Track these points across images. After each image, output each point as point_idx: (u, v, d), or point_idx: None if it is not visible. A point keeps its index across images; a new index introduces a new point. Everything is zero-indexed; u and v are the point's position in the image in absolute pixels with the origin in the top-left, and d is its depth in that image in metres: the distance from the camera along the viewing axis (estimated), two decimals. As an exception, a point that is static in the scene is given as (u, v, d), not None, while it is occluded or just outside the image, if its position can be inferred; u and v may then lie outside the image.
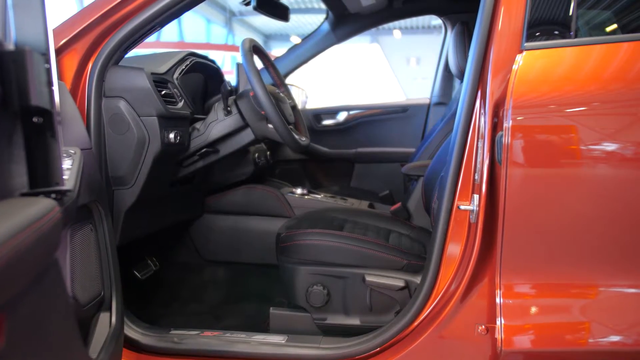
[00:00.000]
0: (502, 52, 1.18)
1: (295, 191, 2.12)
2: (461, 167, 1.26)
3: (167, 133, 1.51)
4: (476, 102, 1.24)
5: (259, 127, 1.69)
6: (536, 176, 1.13)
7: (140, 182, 1.51)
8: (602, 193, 1.10)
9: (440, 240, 1.28)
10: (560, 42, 1.16)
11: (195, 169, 1.77)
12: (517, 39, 1.18)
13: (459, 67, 2.13)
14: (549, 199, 1.12)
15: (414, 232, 1.84)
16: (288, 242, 1.56)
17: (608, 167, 1.09)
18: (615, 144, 1.10)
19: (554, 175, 1.12)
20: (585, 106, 1.10)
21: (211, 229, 2.11)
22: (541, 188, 1.12)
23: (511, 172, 1.12)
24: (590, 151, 1.09)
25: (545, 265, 1.14)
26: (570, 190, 1.10)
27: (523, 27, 1.17)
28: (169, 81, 1.57)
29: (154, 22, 1.42)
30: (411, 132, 2.88)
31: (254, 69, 1.56)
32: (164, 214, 1.84)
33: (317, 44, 2.76)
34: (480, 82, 1.23)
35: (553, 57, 1.15)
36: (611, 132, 1.10)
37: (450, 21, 2.73)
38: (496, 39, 1.19)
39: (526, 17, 1.17)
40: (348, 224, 1.75)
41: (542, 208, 1.13)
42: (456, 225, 1.27)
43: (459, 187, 1.27)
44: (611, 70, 1.14)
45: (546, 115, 1.12)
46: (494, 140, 1.18)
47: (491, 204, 1.19)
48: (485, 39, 1.22)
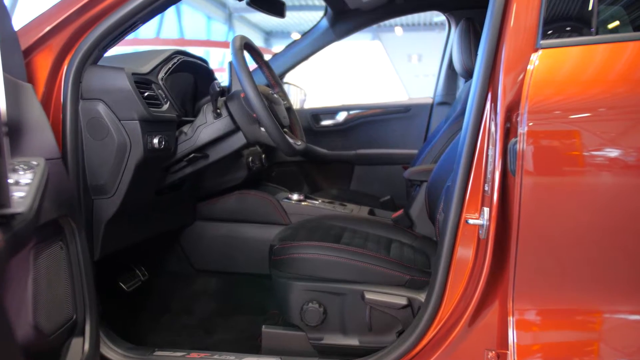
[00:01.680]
0: (515, 51, 1.07)
1: (292, 197, 2.01)
2: (469, 177, 1.15)
3: (151, 138, 1.40)
4: (486, 105, 1.13)
5: (251, 130, 1.58)
6: (555, 189, 1.01)
7: (122, 191, 1.40)
8: (631, 208, 0.98)
9: (447, 256, 1.17)
10: (580, 39, 1.05)
11: (183, 175, 1.66)
12: (532, 36, 1.06)
13: (464, 66, 2.03)
14: (570, 214, 1.00)
15: (417, 242, 1.73)
16: (281, 256, 1.45)
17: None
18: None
19: (575, 187, 1.01)
20: (610, 110, 0.99)
21: (203, 237, 2.01)
22: (561, 202, 1.01)
23: (526, 184, 1.01)
24: (616, 161, 0.98)
25: (565, 289, 1.03)
26: (595, 206, 0.99)
27: (538, 23, 1.06)
28: (152, 82, 1.46)
29: (135, 17, 1.31)
30: (413, 133, 2.77)
31: (244, 68, 1.45)
32: (151, 223, 1.73)
33: (315, 42, 2.65)
34: (490, 83, 1.12)
35: (573, 57, 1.04)
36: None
37: (454, 17, 2.61)
38: (508, 36, 1.08)
39: (541, 12, 1.06)
40: (347, 233, 1.64)
41: (562, 224, 1.01)
42: (464, 241, 1.16)
43: (467, 198, 1.15)
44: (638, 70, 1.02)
45: (566, 121, 1.00)
46: (506, 147, 1.07)
47: (503, 219, 1.08)
48: (496, 36, 1.10)
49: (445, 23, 2.73)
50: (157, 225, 1.78)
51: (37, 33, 1.26)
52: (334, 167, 2.85)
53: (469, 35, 2.00)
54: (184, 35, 16.62)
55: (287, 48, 2.67)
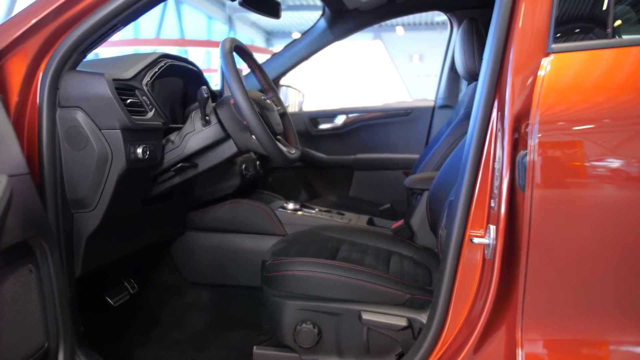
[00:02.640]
0: (524, 55, 0.98)
1: (287, 206, 1.92)
2: (474, 192, 1.06)
3: (134, 148, 1.32)
4: (492, 113, 1.04)
5: (242, 138, 1.49)
6: (570, 207, 0.93)
7: (104, 204, 1.32)
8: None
9: (450, 277, 1.08)
10: (596, 43, 0.96)
11: (172, 185, 1.57)
12: (542, 39, 0.97)
13: (467, 68, 1.94)
14: (586, 235, 0.92)
15: (418, 254, 1.65)
16: (274, 272, 1.36)
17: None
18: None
19: (592, 206, 0.92)
20: (633, 120, 0.90)
21: (194, 248, 1.92)
22: (576, 222, 0.92)
23: (537, 201, 0.92)
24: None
25: (582, 317, 0.94)
26: (613, 227, 0.90)
27: (549, 24, 0.97)
28: (136, 88, 1.37)
29: (116, 19, 1.22)
30: (414, 137, 2.68)
31: (234, 72, 1.36)
32: (138, 236, 1.65)
33: (312, 43, 2.55)
34: (497, 90, 1.03)
35: (588, 61, 0.95)
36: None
37: (456, 18, 2.52)
38: (516, 38, 0.99)
39: (552, 13, 0.97)
40: (344, 246, 1.56)
41: (578, 246, 0.92)
42: (468, 260, 1.07)
43: (472, 214, 1.06)
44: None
45: (582, 131, 0.91)
46: (514, 160, 0.98)
47: (511, 238, 0.99)
48: (503, 38, 1.01)
49: (447, 22, 2.65)
50: (145, 238, 1.70)
51: (9, 36, 1.17)
52: (332, 172, 2.76)
53: (472, 37, 1.92)
54: (185, 36, 16.56)
55: (283, 50, 2.59)
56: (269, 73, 2.56)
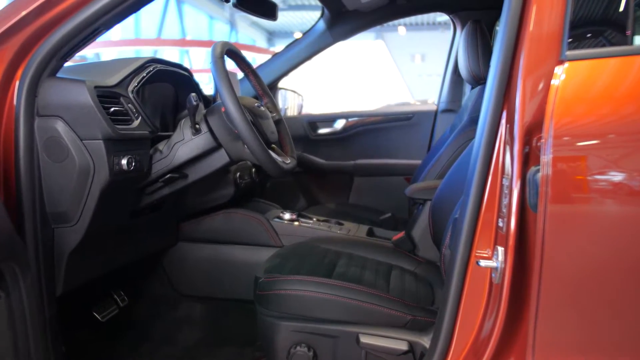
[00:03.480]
0: (536, 62, 0.90)
1: (283, 216, 1.84)
2: (481, 210, 0.98)
3: (118, 159, 1.24)
4: (500, 126, 0.96)
5: (234, 148, 1.41)
6: (587, 229, 0.85)
7: (87, 218, 1.24)
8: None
9: (454, 301, 1.00)
10: (617, 49, 0.88)
11: (161, 196, 1.50)
12: (555, 45, 0.89)
13: (471, 72, 1.86)
14: (606, 261, 0.84)
15: (419, 268, 1.57)
16: (267, 291, 1.28)
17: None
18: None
19: (612, 229, 0.84)
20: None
21: (186, 260, 1.84)
22: (593, 246, 0.84)
23: (551, 222, 0.84)
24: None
25: (599, 351, 0.86)
26: (637, 252, 0.82)
27: (563, 29, 0.89)
28: (121, 95, 1.29)
29: (98, 22, 1.15)
30: (416, 142, 2.60)
31: (224, 79, 1.28)
32: (126, 249, 1.57)
33: (311, 45, 2.47)
34: (505, 100, 0.95)
35: (609, 70, 0.87)
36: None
37: (460, 19, 2.44)
38: (527, 44, 0.91)
39: (567, 16, 0.89)
40: (342, 260, 1.48)
41: (597, 272, 0.84)
42: (474, 284, 0.99)
43: (478, 234, 0.99)
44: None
45: (602, 146, 0.84)
46: (524, 177, 0.90)
47: (521, 261, 0.91)
48: (512, 44, 0.93)
49: (449, 22, 2.57)
50: (134, 250, 1.62)
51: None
52: (331, 178, 2.68)
53: (477, 39, 1.84)
54: (186, 36, 16.50)
55: (281, 52, 2.51)
56: (266, 76, 2.50)
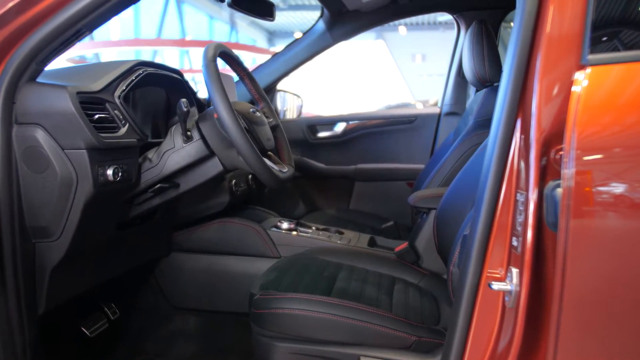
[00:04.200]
0: (554, 67, 0.82)
1: (281, 225, 1.77)
2: (493, 227, 0.90)
3: (103, 169, 1.16)
4: (514, 136, 0.88)
5: (228, 156, 1.33)
6: (616, 251, 0.77)
7: (70, 232, 1.17)
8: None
9: (463, 325, 0.92)
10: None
11: (151, 207, 1.42)
12: (576, 48, 0.81)
13: (476, 74, 1.78)
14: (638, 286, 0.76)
15: (424, 281, 1.49)
16: (263, 309, 1.20)
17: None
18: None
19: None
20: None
21: (180, 271, 1.77)
22: (624, 269, 0.76)
23: (574, 243, 0.77)
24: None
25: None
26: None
27: (584, 30, 0.81)
28: (106, 101, 1.22)
29: (80, 22, 1.07)
30: (419, 146, 2.52)
31: (216, 83, 1.21)
32: (114, 262, 1.49)
33: (310, 46, 2.39)
34: (520, 108, 0.87)
35: (636, 75, 0.79)
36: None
37: (464, 19, 2.36)
38: (544, 47, 0.83)
39: (588, 16, 0.81)
40: (342, 273, 1.41)
41: (628, 300, 0.77)
42: (485, 307, 0.91)
43: (490, 253, 0.91)
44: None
45: (631, 159, 0.76)
46: (542, 192, 0.82)
47: (538, 285, 0.84)
48: (527, 47, 0.85)
49: (450, 22, 2.49)
50: (123, 263, 1.55)
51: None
52: (332, 183, 2.60)
53: (482, 40, 1.76)
54: (186, 36, 16.43)
55: (279, 54, 2.43)
56: (264, 78, 2.42)
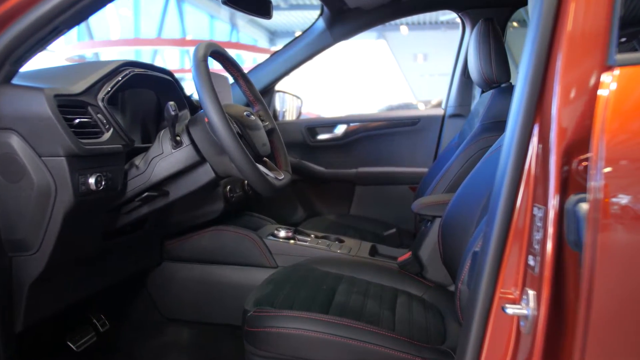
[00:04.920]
0: (577, 69, 0.74)
1: (278, 234, 1.69)
2: (507, 245, 0.82)
3: (85, 177, 1.08)
4: (531, 143, 0.80)
5: (221, 162, 1.25)
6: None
7: (49, 245, 1.09)
8: None
9: (473, 353, 0.84)
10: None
11: (140, 216, 1.34)
12: (601, 47, 0.73)
13: (482, 75, 1.70)
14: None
15: (428, 293, 1.41)
16: (256, 327, 1.12)
17: None
18: None
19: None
20: None
21: (173, 281, 1.69)
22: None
23: (603, 264, 0.68)
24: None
25: None
26: None
27: (610, 28, 0.73)
28: (88, 104, 1.13)
29: (57, 19, 0.99)
30: (422, 149, 2.44)
31: (207, 85, 1.12)
32: (101, 273, 1.41)
33: (310, 45, 2.31)
34: (538, 113, 0.79)
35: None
36: None
37: (469, 17, 2.27)
38: (564, 47, 0.75)
39: (615, 11, 0.73)
40: (342, 285, 1.33)
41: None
42: (497, 332, 0.83)
43: (503, 271, 0.82)
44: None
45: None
46: (562, 207, 0.74)
47: (558, 309, 0.75)
48: (546, 46, 0.77)
49: (452, 21, 2.41)
50: (111, 274, 1.47)
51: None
52: (332, 187, 2.52)
53: (489, 39, 1.68)
54: (186, 35, 16.36)
55: (277, 53, 2.35)
56: (262, 78, 2.33)
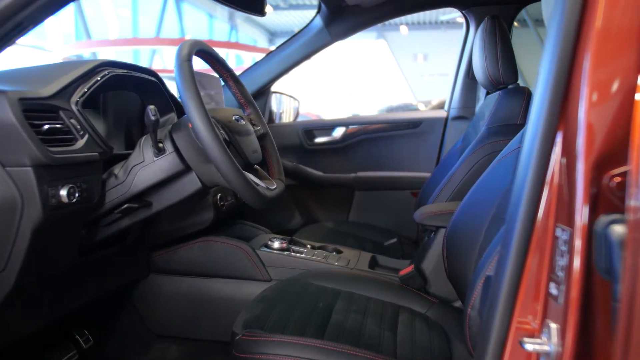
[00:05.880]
0: (607, 69, 0.64)
1: (272, 244, 1.59)
2: (525, 270, 0.72)
3: (55, 189, 0.98)
4: (553, 154, 0.70)
5: (207, 171, 1.15)
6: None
7: (17, 263, 0.99)
8: None
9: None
10: None
11: (120, 228, 1.24)
12: (636, 44, 0.63)
13: (489, 75, 1.61)
14: None
15: (432, 310, 1.32)
16: (245, 353, 1.03)
17: None
18: None
19: None
20: None
21: (160, 294, 1.59)
22: None
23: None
24: None
25: None
26: None
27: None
28: (60, 108, 1.03)
29: (19, 15, 0.89)
30: (424, 153, 2.34)
31: (191, 87, 1.02)
32: (82, 289, 1.31)
33: (306, 45, 2.21)
34: (562, 119, 0.69)
35: None
36: None
37: (474, 15, 2.17)
38: (593, 44, 0.65)
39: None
40: (340, 303, 1.23)
41: None
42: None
43: (521, 300, 0.73)
44: None
45: None
46: (591, 228, 0.64)
47: (586, 345, 0.65)
48: (571, 45, 0.67)
49: (453, 21, 2.32)
50: (93, 290, 1.37)
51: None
52: (330, 192, 2.42)
53: (495, 38, 1.59)
54: (185, 35, 16.26)
55: (273, 53, 2.25)
56: (257, 80, 2.23)
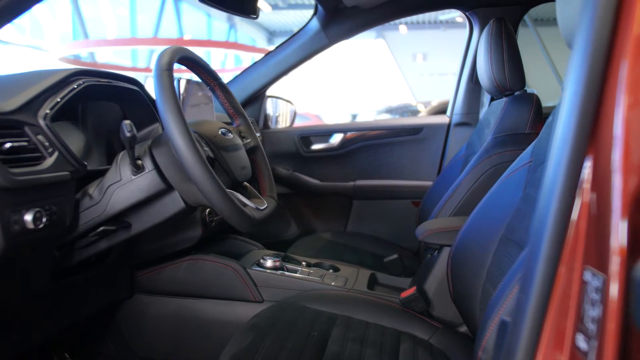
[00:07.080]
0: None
1: (264, 263, 1.49)
2: (547, 316, 0.62)
3: (19, 214, 0.88)
4: (581, 181, 0.60)
5: (189, 190, 1.05)
6: None
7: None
8: None
9: None
10: None
11: (99, 250, 1.14)
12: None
13: (494, 81, 1.51)
14: None
15: (436, 336, 1.22)
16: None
17: None
18: None
19: None
20: None
21: (146, 316, 1.49)
22: None
23: None
24: None
25: None
26: None
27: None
28: (25, 124, 0.93)
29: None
30: (426, 160, 2.24)
31: (170, 99, 0.93)
32: (58, 314, 1.22)
33: (303, 47, 2.12)
34: (592, 142, 0.59)
35: None
36: None
37: (478, 17, 2.08)
38: (631, 52, 0.55)
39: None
40: (336, 329, 1.14)
41: None
42: None
43: (543, 352, 0.63)
44: None
45: None
46: (628, 274, 0.54)
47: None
48: (604, 53, 0.58)
49: (452, 21, 2.23)
50: (71, 314, 1.27)
51: None
52: (327, 201, 2.32)
53: (502, 41, 1.50)
54: (184, 35, 16.16)
55: (268, 56, 2.15)
56: (251, 84, 2.14)
